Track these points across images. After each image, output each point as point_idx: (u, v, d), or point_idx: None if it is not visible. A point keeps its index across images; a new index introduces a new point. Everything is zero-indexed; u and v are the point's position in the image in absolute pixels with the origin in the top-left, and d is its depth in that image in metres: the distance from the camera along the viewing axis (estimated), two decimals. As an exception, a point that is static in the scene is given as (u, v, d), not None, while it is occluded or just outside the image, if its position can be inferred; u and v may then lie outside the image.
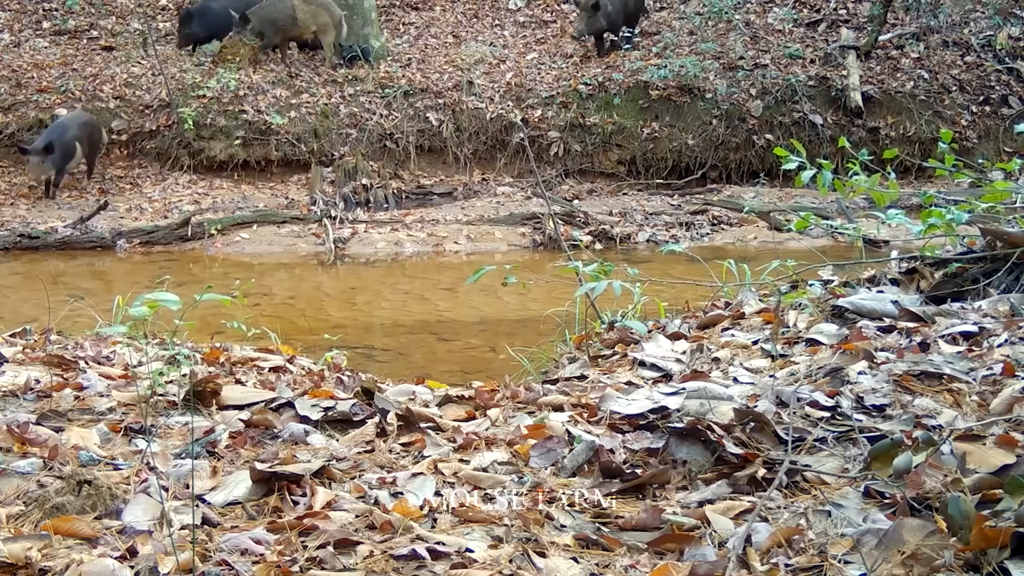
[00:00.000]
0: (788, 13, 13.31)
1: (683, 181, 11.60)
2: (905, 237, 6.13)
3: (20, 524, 1.72)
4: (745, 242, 9.10)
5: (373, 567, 1.59)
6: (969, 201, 3.60)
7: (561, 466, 2.09)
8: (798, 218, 3.90)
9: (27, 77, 11.55)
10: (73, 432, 2.20)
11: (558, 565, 1.62)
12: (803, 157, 3.42)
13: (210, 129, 11.05)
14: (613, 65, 12.24)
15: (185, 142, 10.97)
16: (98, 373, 2.84)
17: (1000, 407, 2.10)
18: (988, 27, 12.91)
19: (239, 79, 11.54)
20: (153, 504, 1.78)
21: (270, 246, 9.15)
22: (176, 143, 11.18)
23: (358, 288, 7.64)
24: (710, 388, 2.42)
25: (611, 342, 3.57)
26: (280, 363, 3.36)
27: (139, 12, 13.27)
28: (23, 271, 8.02)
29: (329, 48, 11.83)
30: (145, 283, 7.20)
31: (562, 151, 11.58)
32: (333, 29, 11.78)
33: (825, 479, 1.92)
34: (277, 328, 4.37)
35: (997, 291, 3.08)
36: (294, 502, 1.89)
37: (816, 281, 3.88)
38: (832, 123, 11.73)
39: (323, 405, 2.53)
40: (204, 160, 11.05)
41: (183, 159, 11.07)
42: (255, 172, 11.15)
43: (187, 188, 10.78)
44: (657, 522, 1.77)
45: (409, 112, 11.63)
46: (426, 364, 3.90)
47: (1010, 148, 11.43)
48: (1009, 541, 1.47)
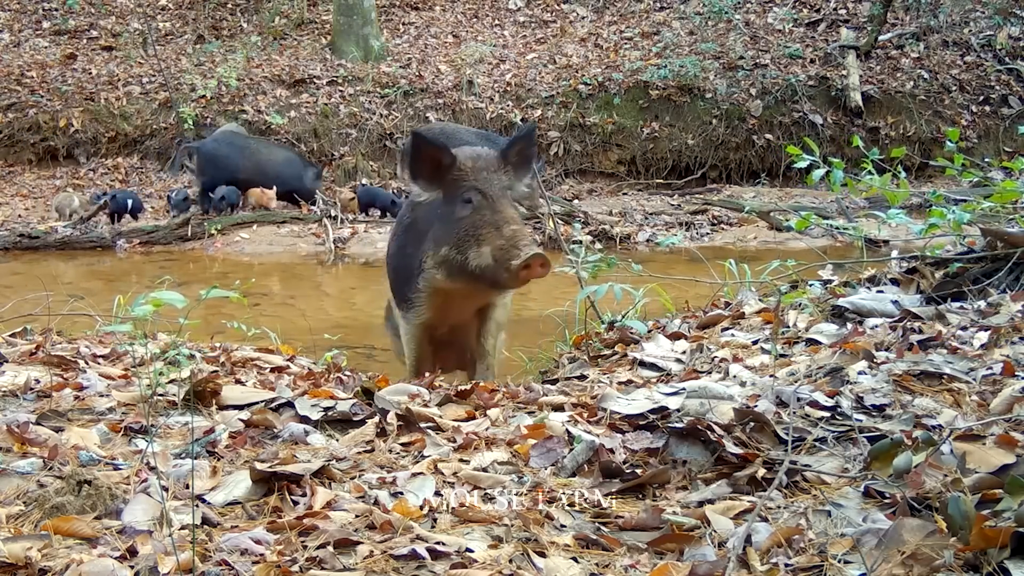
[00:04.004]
0: (788, 13, 13.31)
1: (683, 181, 11.61)
2: (906, 237, 6.12)
3: (20, 524, 1.72)
4: (745, 242, 9.10)
5: (373, 567, 1.59)
6: (977, 201, 3.60)
7: (561, 466, 2.09)
8: (798, 218, 3.90)
9: (27, 77, 11.56)
10: (73, 432, 2.20)
11: (558, 565, 1.62)
12: (814, 156, 3.42)
13: (210, 129, 11.05)
14: (613, 65, 12.24)
15: (185, 142, 10.98)
16: (98, 373, 2.84)
17: (1000, 407, 2.10)
18: (988, 27, 12.91)
19: (239, 79, 11.55)
20: (153, 504, 1.78)
21: (270, 246, 9.15)
22: (176, 143, 11.19)
23: (358, 288, 7.64)
24: (710, 388, 2.42)
25: (611, 342, 3.57)
26: (280, 363, 3.36)
27: (139, 12, 13.27)
28: (23, 271, 8.02)
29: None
30: (145, 283, 7.20)
31: (562, 151, 11.58)
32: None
33: (825, 479, 1.91)
34: (277, 328, 4.36)
35: (997, 291, 3.08)
36: (294, 502, 1.89)
37: (816, 281, 3.88)
38: (832, 123, 11.74)
39: (323, 405, 2.53)
40: (204, 160, 11.05)
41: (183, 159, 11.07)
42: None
43: (187, 188, 10.81)
44: (657, 522, 1.76)
45: (409, 112, 11.63)
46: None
47: (1010, 148, 11.44)
48: (1009, 541, 1.47)
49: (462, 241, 3.13)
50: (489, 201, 3.11)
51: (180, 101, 11.28)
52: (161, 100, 11.43)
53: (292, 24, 13.69)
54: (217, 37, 13.25)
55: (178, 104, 11.20)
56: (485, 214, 3.10)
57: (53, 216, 9.77)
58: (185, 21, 13.49)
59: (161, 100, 11.43)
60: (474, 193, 3.12)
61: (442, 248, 3.20)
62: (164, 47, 12.58)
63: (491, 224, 3.07)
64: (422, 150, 3.12)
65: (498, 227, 3.05)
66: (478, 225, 3.10)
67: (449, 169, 3.16)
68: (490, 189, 3.13)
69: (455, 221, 3.15)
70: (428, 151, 3.13)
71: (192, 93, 11.48)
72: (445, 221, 3.20)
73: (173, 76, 11.69)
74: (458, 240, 3.14)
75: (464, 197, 3.13)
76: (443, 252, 3.19)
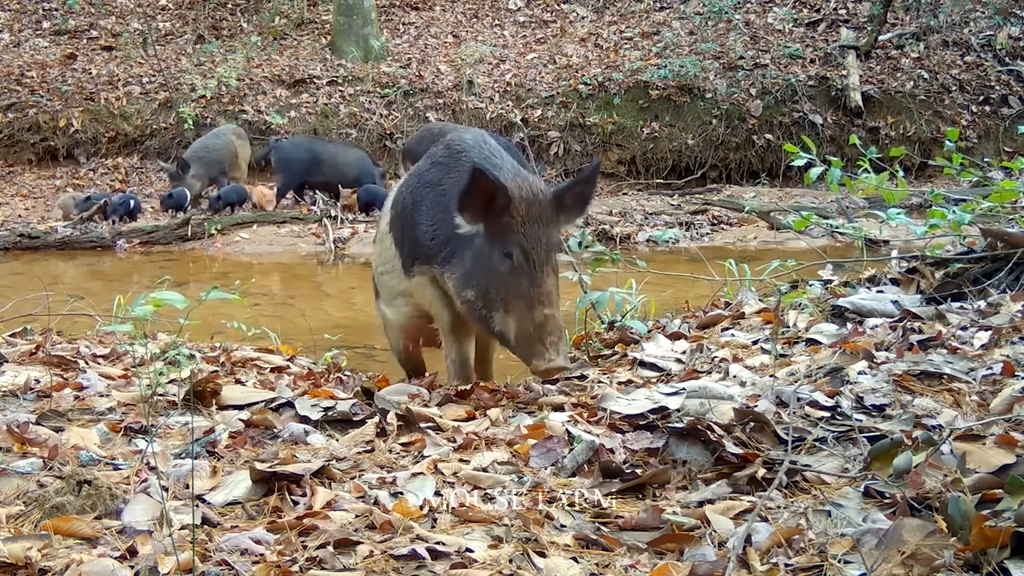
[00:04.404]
0: (788, 13, 13.31)
1: (683, 181, 11.60)
2: (906, 237, 6.13)
3: (20, 524, 1.72)
4: (745, 242, 9.10)
5: (373, 567, 1.59)
6: (976, 201, 3.60)
7: (561, 466, 2.09)
8: (798, 218, 3.90)
9: (27, 77, 11.56)
10: (73, 432, 2.20)
11: (558, 565, 1.62)
12: (812, 154, 3.42)
13: (210, 129, 11.06)
14: (613, 65, 12.25)
15: (185, 142, 10.98)
16: (98, 373, 2.85)
17: (1000, 407, 2.10)
18: (988, 27, 12.91)
19: (239, 79, 11.55)
20: (153, 504, 1.78)
21: (270, 246, 9.15)
22: (176, 143, 11.20)
23: (358, 288, 7.63)
24: (710, 388, 2.42)
25: (611, 342, 3.57)
26: (280, 363, 3.36)
27: (139, 12, 13.27)
28: (23, 271, 8.02)
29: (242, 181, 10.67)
30: (145, 283, 7.20)
31: (562, 151, 11.58)
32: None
33: (825, 479, 1.91)
34: (277, 328, 4.37)
35: (998, 291, 3.08)
36: (294, 502, 1.89)
37: (816, 281, 3.88)
38: (832, 123, 11.75)
39: (323, 405, 2.53)
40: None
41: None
42: (255, 172, 11.15)
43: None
44: (657, 522, 1.77)
45: (409, 112, 11.63)
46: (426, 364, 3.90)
47: (1010, 148, 11.44)
48: (1009, 541, 1.47)
49: (491, 297, 2.84)
50: (530, 266, 2.78)
51: (180, 101, 11.28)
52: (161, 100, 11.43)
53: (292, 24, 13.69)
54: (217, 37, 13.26)
55: (178, 104, 11.20)
56: (522, 282, 2.77)
57: (56, 216, 9.77)
58: (185, 21, 13.49)
59: (161, 100, 11.43)
60: (517, 250, 2.79)
61: (469, 290, 2.90)
62: (164, 47, 12.58)
63: (525, 298, 2.76)
64: (480, 185, 2.77)
65: (531, 305, 2.74)
66: (511, 291, 2.79)
67: (501, 211, 2.81)
68: (535, 250, 2.79)
69: (490, 269, 2.84)
70: (484, 186, 2.77)
71: (192, 93, 11.48)
72: (480, 260, 2.88)
73: (173, 76, 11.69)
74: (487, 293, 2.85)
75: (506, 250, 2.80)
76: (469, 295, 2.91)
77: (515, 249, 2.79)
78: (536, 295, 2.75)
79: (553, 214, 2.88)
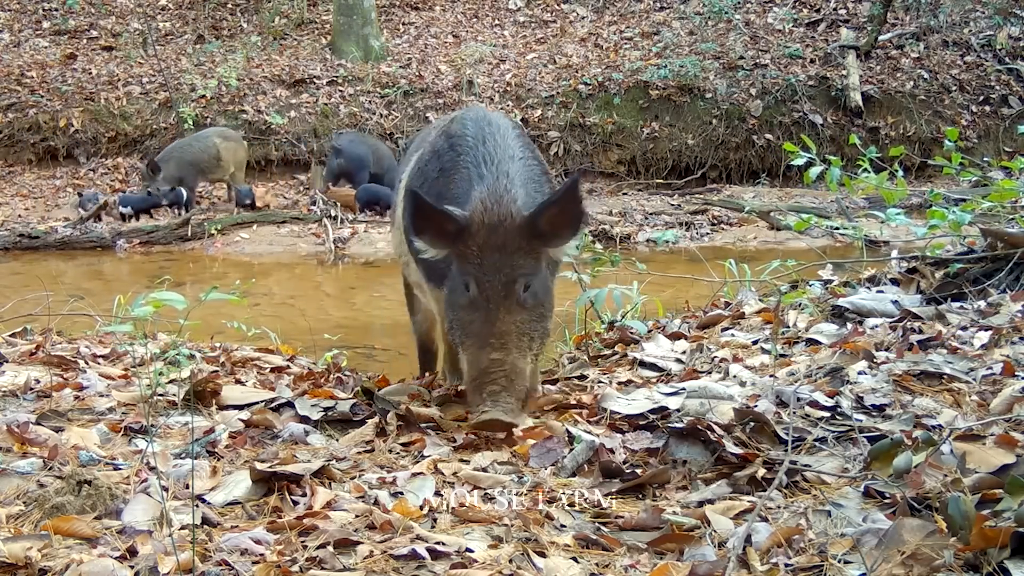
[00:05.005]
0: (788, 13, 13.31)
1: (683, 181, 11.60)
2: (906, 237, 6.13)
3: (20, 524, 1.72)
4: (745, 242, 9.10)
5: (373, 567, 1.59)
6: (976, 200, 3.60)
7: (561, 466, 2.09)
8: (798, 218, 3.90)
9: (27, 77, 11.56)
10: (73, 432, 2.20)
11: (558, 565, 1.62)
12: (811, 154, 3.42)
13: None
14: (613, 65, 12.25)
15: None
16: (98, 373, 2.85)
17: (1000, 407, 2.10)
18: (988, 27, 12.91)
19: (239, 79, 11.55)
20: (153, 504, 1.78)
21: (270, 246, 9.15)
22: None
23: (358, 288, 7.64)
24: (710, 388, 2.42)
25: (611, 342, 3.57)
26: (280, 363, 3.36)
27: (139, 12, 13.27)
28: (23, 271, 8.02)
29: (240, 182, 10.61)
30: (145, 283, 7.20)
31: (562, 151, 11.58)
32: (244, 165, 10.73)
33: (825, 479, 1.91)
34: (277, 328, 4.37)
35: (997, 291, 3.08)
36: (294, 502, 1.89)
37: (816, 281, 3.88)
38: (832, 123, 11.74)
39: (323, 405, 2.54)
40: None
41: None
42: (255, 172, 11.15)
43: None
44: (657, 522, 1.77)
45: (409, 112, 11.63)
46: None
47: (1010, 148, 11.44)
48: (1009, 541, 1.47)
49: (454, 329, 2.52)
50: (484, 301, 2.41)
51: (180, 101, 11.28)
52: (161, 100, 11.43)
53: (292, 24, 13.69)
54: (217, 37, 13.26)
55: (178, 104, 11.20)
56: (475, 319, 2.42)
57: (77, 213, 9.84)
58: (185, 21, 13.49)
59: (161, 100, 11.43)
60: (472, 282, 2.44)
61: (448, 312, 2.58)
62: (164, 47, 12.58)
63: (476, 337, 2.41)
64: (422, 210, 2.44)
65: (481, 347, 2.38)
66: (464, 327, 2.45)
67: (455, 238, 2.46)
68: (490, 284, 2.41)
69: (453, 299, 2.53)
70: (429, 212, 2.44)
71: (192, 93, 11.48)
72: (452, 286, 2.55)
73: (173, 76, 11.69)
74: (451, 325, 2.54)
75: (464, 280, 2.46)
76: (447, 319, 2.59)
77: (470, 281, 2.44)
78: (486, 335, 2.38)
79: (522, 241, 2.44)
